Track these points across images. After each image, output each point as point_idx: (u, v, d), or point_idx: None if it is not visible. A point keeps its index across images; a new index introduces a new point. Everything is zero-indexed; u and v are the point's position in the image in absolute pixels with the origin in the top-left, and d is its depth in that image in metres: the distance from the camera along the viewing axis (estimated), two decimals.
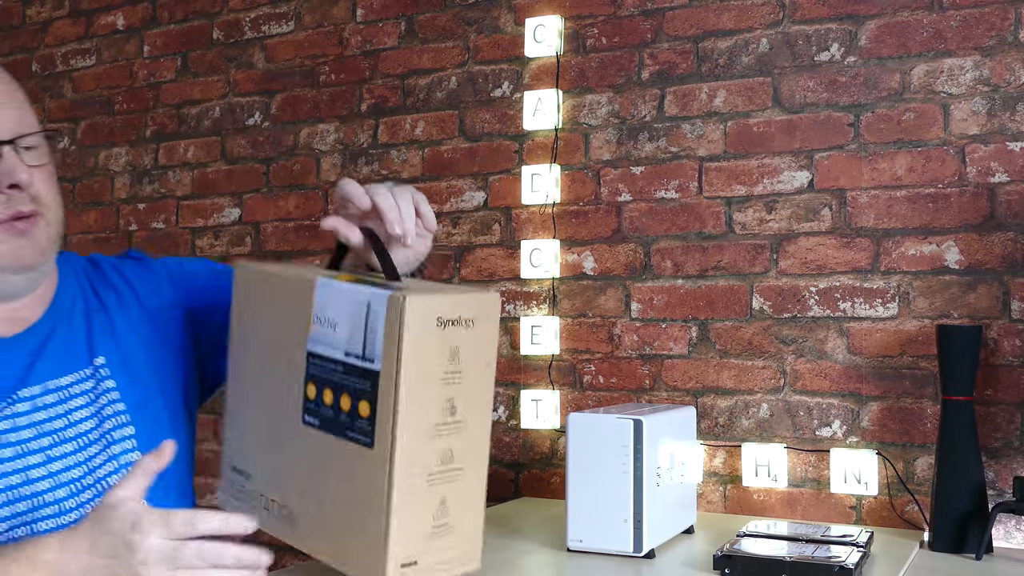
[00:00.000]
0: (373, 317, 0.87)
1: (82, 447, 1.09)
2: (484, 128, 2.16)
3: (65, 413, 1.09)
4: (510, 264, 2.11)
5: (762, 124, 1.89)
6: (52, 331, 1.12)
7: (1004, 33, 1.72)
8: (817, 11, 1.86)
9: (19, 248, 1.05)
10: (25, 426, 1.06)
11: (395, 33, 2.27)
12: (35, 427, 1.07)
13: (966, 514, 1.55)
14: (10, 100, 1.07)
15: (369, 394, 0.87)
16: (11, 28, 2.84)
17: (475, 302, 0.90)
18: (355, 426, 0.88)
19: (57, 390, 1.10)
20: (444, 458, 0.90)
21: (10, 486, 1.03)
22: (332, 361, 0.91)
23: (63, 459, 1.07)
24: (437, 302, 0.87)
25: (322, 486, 0.92)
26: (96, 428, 1.10)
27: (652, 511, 1.45)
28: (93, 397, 1.11)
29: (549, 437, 2.05)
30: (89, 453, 1.09)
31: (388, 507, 0.85)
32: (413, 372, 0.86)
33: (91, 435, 1.09)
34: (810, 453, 1.81)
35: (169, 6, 2.58)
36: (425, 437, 0.88)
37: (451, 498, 0.93)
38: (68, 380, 1.11)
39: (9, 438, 1.05)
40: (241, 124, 2.45)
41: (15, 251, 1.05)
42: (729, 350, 1.89)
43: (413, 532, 0.88)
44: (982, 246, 1.72)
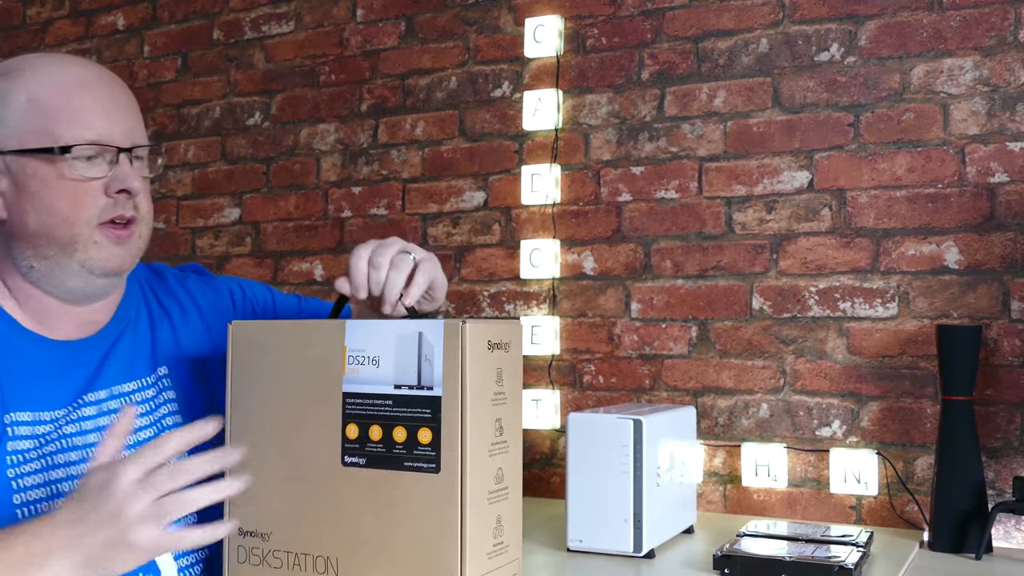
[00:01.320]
0: (427, 346, 0.91)
1: None
2: (484, 128, 2.16)
3: None
4: (510, 264, 2.11)
5: (762, 124, 1.89)
6: (119, 337, 1.15)
7: (1004, 33, 1.72)
8: (817, 11, 1.86)
9: (113, 255, 1.08)
10: (91, 430, 1.09)
11: (395, 33, 2.27)
12: (99, 432, 1.09)
13: (966, 514, 1.55)
14: (129, 109, 1.10)
15: (430, 420, 0.91)
16: (11, 28, 2.84)
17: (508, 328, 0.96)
18: (415, 455, 0.92)
19: (120, 396, 1.13)
20: (497, 477, 0.94)
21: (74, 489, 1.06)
22: (378, 397, 0.94)
23: None
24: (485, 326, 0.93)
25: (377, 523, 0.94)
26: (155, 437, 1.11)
27: (652, 511, 1.45)
28: (153, 406, 1.15)
29: (549, 437, 2.05)
30: None
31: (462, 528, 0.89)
32: (473, 394, 0.90)
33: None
34: (810, 453, 1.81)
35: (169, 6, 2.58)
36: (484, 457, 0.92)
37: (504, 517, 0.96)
38: (131, 387, 1.14)
39: (75, 441, 1.08)
40: (241, 124, 2.45)
41: (109, 257, 1.08)
42: (729, 350, 1.89)
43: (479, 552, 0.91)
44: (982, 246, 1.72)
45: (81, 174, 1.05)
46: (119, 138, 1.07)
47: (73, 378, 1.10)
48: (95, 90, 1.07)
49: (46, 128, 1.04)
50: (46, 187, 1.04)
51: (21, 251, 1.07)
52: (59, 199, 1.05)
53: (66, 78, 1.06)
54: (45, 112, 1.05)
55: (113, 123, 1.07)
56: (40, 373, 1.08)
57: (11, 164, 1.05)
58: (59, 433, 1.07)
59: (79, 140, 1.04)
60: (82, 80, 1.07)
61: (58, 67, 1.07)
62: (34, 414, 1.06)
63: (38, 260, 1.07)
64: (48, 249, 1.06)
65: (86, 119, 1.05)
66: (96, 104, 1.07)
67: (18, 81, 1.06)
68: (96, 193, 1.06)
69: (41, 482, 1.05)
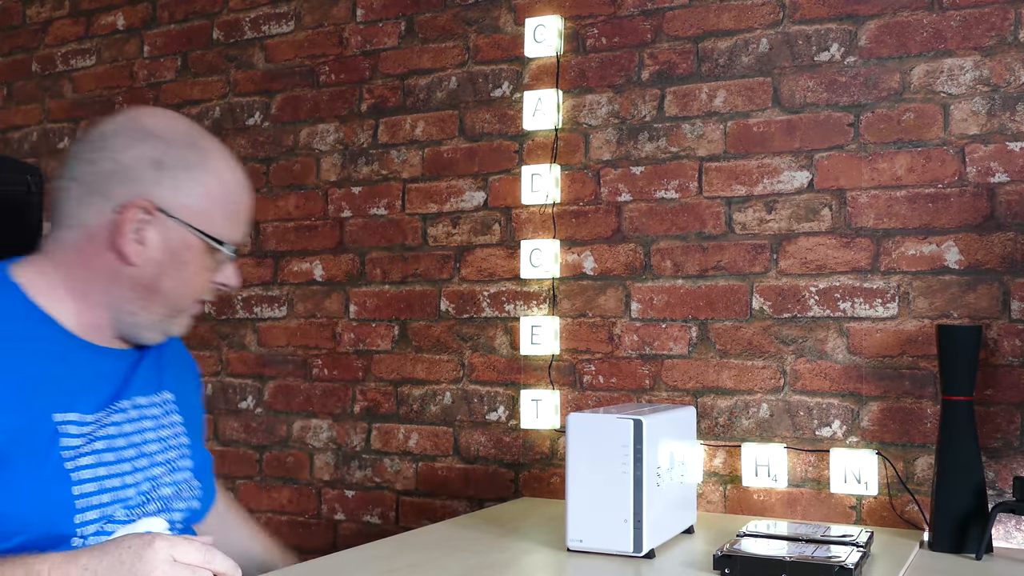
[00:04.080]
0: None
1: (151, 464, 1.22)
2: (484, 128, 2.16)
3: (141, 431, 1.23)
4: (510, 264, 2.11)
5: (762, 124, 1.89)
6: (142, 355, 1.27)
7: (1004, 33, 1.72)
8: (817, 11, 1.86)
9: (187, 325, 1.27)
10: (120, 435, 1.20)
11: (395, 33, 2.27)
12: (125, 437, 1.20)
13: (966, 514, 1.55)
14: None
15: None
16: (11, 28, 2.84)
17: None
18: None
19: (137, 407, 1.24)
20: None
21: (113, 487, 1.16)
22: None
23: (139, 472, 1.20)
24: None
25: None
26: (161, 452, 1.25)
27: (652, 511, 1.44)
28: (158, 424, 1.26)
29: (549, 437, 2.05)
30: (155, 472, 1.23)
31: None
32: None
33: (157, 456, 1.24)
34: (810, 453, 1.81)
35: (169, 6, 2.58)
36: None
37: None
38: (144, 401, 1.25)
39: (114, 444, 1.18)
40: (241, 124, 2.45)
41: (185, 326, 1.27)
42: (729, 350, 1.89)
43: None
44: (982, 246, 1.72)
45: (218, 263, 1.23)
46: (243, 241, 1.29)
47: (107, 385, 1.21)
48: (249, 200, 1.27)
49: (218, 220, 1.20)
50: (194, 262, 1.20)
51: (132, 295, 1.19)
52: (197, 276, 1.21)
53: (239, 183, 1.24)
54: (223, 207, 1.21)
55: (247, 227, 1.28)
56: (84, 375, 1.17)
57: (172, 228, 1.18)
58: (104, 433, 1.17)
59: (235, 241, 1.23)
60: (248, 191, 1.26)
61: (234, 168, 1.25)
62: (80, 415, 1.15)
63: (143, 310, 1.20)
64: (160, 307, 1.21)
65: (241, 225, 1.25)
66: (248, 214, 1.27)
67: (211, 164, 1.21)
68: (211, 277, 1.24)
69: (91, 477, 1.14)
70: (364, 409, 2.26)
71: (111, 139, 1.18)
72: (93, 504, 1.12)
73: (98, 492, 1.13)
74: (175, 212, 1.17)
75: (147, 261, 1.17)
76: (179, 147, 1.19)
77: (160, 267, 1.18)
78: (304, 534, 2.31)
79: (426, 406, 2.18)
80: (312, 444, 2.31)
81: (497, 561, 1.45)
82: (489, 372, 2.12)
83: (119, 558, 0.97)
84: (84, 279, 1.18)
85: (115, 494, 1.16)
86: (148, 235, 1.16)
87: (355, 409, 2.27)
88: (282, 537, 2.32)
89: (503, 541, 1.59)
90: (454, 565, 1.40)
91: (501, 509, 1.91)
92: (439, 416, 2.17)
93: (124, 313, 1.19)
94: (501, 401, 2.10)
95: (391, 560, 1.41)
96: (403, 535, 1.64)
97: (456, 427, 2.15)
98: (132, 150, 1.16)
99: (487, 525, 1.72)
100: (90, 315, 1.19)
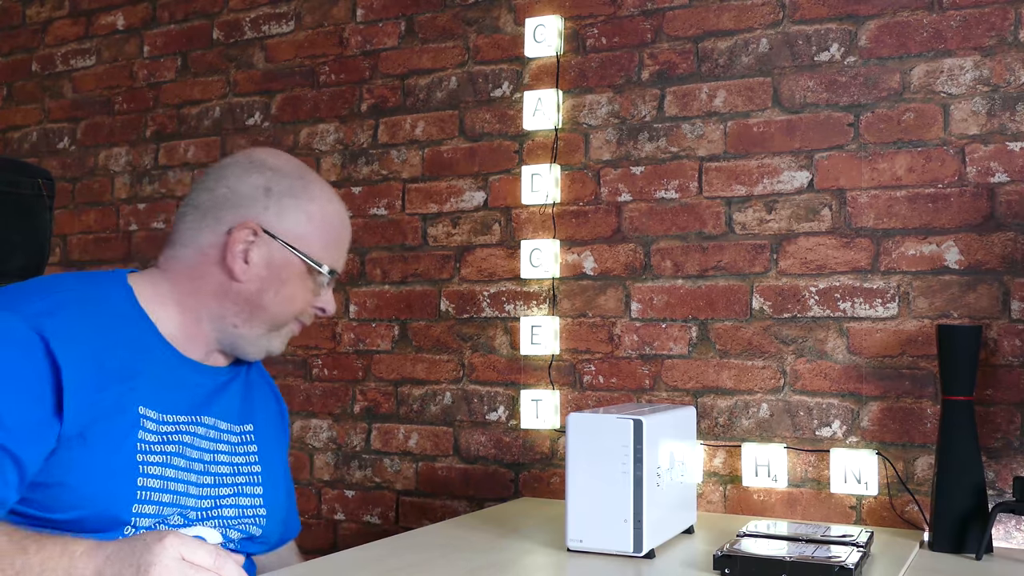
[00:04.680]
0: None
1: (218, 484, 1.28)
2: (484, 128, 2.16)
3: (215, 451, 1.29)
4: (510, 264, 2.11)
5: (762, 124, 1.89)
6: (229, 382, 1.35)
7: (1004, 33, 1.72)
8: (817, 11, 1.86)
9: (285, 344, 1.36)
10: (196, 447, 1.26)
11: (395, 33, 2.27)
12: (199, 451, 1.27)
13: (966, 514, 1.55)
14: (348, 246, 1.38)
15: None
16: (11, 28, 2.84)
17: None
18: None
19: (217, 429, 1.31)
20: None
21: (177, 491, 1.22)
22: None
23: (203, 487, 1.26)
24: None
25: None
26: (231, 475, 1.31)
27: (652, 511, 1.44)
28: (233, 450, 1.33)
29: (549, 437, 2.05)
30: (220, 492, 1.29)
31: None
32: None
33: (226, 479, 1.30)
34: (810, 453, 1.81)
35: (169, 6, 2.58)
36: None
37: None
38: (224, 426, 1.32)
39: (187, 452, 1.25)
40: (241, 124, 2.45)
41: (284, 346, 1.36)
42: (729, 350, 1.89)
43: None
44: (982, 246, 1.72)
45: (317, 286, 1.32)
46: (341, 269, 1.36)
47: (192, 395, 1.28)
48: (349, 231, 1.37)
49: (317, 245, 1.30)
50: (294, 281, 1.29)
51: (236, 309, 1.28)
52: (296, 295, 1.30)
53: (344, 217, 1.35)
54: (328, 235, 1.31)
55: (345, 257, 1.37)
56: (169, 379, 1.25)
57: (276, 250, 1.28)
58: (179, 439, 1.23)
59: (333, 266, 1.32)
60: (346, 222, 1.35)
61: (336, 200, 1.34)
62: (159, 414, 1.22)
63: (246, 324, 1.29)
64: (261, 322, 1.30)
65: (341, 253, 1.35)
66: (347, 241, 1.36)
67: (315, 195, 1.31)
68: (310, 300, 1.33)
69: (158, 474, 1.19)
70: (364, 409, 2.26)
71: (228, 169, 1.31)
72: (153, 499, 1.18)
73: (160, 490, 1.19)
74: (279, 234, 1.27)
75: (252, 278, 1.27)
76: (287, 177, 1.30)
77: (263, 283, 1.28)
78: (304, 534, 2.31)
79: (426, 406, 2.18)
80: (312, 444, 2.31)
81: (497, 561, 1.45)
82: (489, 372, 2.12)
83: (132, 548, 1.01)
84: (192, 293, 1.28)
85: (176, 498, 1.21)
86: (253, 255, 1.27)
87: (355, 409, 2.27)
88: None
89: (503, 541, 1.59)
90: (454, 565, 1.40)
91: (501, 509, 1.91)
92: (439, 416, 2.17)
93: (228, 325, 1.29)
94: (501, 401, 2.10)
95: (391, 560, 1.41)
96: (403, 535, 1.64)
97: (456, 427, 2.15)
98: (246, 179, 1.29)
99: (487, 525, 1.72)
100: (192, 328, 1.29)
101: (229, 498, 1.29)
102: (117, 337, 1.21)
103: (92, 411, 1.14)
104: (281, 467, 1.44)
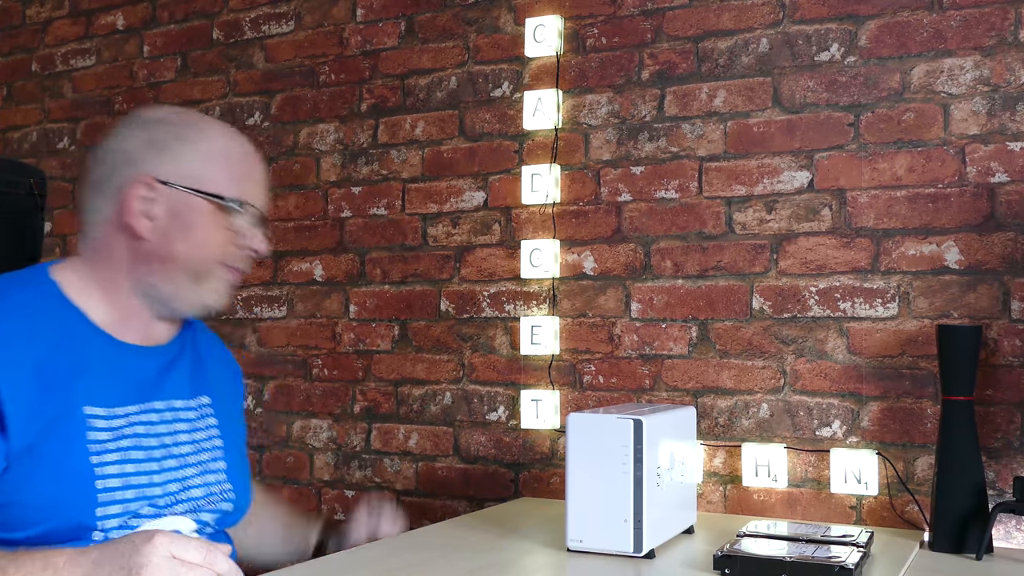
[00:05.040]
0: None
1: (181, 466, 1.25)
2: (484, 128, 2.16)
3: (174, 432, 1.26)
4: (510, 264, 2.11)
5: (762, 124, 1.89)
6: (176, 357, 1.32)
7: (1004, 33, 1.72)
8: (817, 11, 1.86)
9: (222, 294, 1.28)
10: (152, 435, 1.23)
11: (395, 33, 2.27)
12: (157, 437, 1.24)
13: (966, 514, 1.55)
14: (266, 183, 1.33)
15: None
16: (11, 28, 2.83)
17: None
18: None
19: (171, 410, 1.28)
20: None
21: (140, 484, 1.19)
22: None
23: (168, 472, 1.23)
24: None
25: None
26: (194, 454, 1.28)
27: (652, 511, 1.44)
28: (192, 427, 1.29)
29: (549, 437, 2.05)
30: (186, 473, 1.26)
31: None
32: None
33: (189, 458, 1.27)
34: (810, 453, 1.81)
35: (169, 6, 2.58)
36: None
37: None
38: (180, 404, 1.29)
39: (142, 442, 1.21)
40: (241, 124, 2.45)
41: (220, 293, 1.28)
42: (729, 350, 1.89)
43: None
44: (982, 246, 1.72)
45: (233, 225, 1.25)
46: (262, 207, 1.30)
47: (138, 381, 1.24)
48: (258, 164, 1.31)
49: (221, 180, 1.24)
50: (202, 224, 1.23)
51: (150, 269, 1.23)
52: (208, 236, 1.24)
53: (242, 148, 1.29)
54: (230, 169, 1.26)
55: (263, 193, 1.31)
56: (112, 371, 1.21)
57: (175, 197, 1.23)
58: (132, 431, 1.20)
59: (246, 200, 1.26)
60: (250, 153, 1.30)
61: (234, 135, 1.30)
62: (107, 409, 1.18)
63: (163, 280, 1.24)
64: (178, 274, 1.23)
65: (252, 186, 1.28)
66: (260, 175, 1.31)
67: (203, 134, 1.26)
68: (232, 241, 1.26)
69: (117, 472, 1.16)
70: (364, 409, 2.26)
71: (112, 137, 1.28)
72: (116, 499, 1.15)
73: (122, 488, 1.16)
74: (175, 180, 1.22)
75: (158, 232, 1.22)
76: (172, 125, 1.26)
77: (170, 234, 1.22)
78: None
79: (426, 406, 2.18)
80: (312, 444, 2.31)
81: (497, 561, 1.45)
82: (489, 372, 2.12)
83: (120, 551, 0.99)
84: (110, 269, 1.24)
85: (141, 491, 1.18)
86: (155, 209, 1.22)
87: (355, 409, 2.27)
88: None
89: (503, 541, 1.58)
90: (454, 565, 1.40)
91: (501, 509, 1.91)
92: (439, 416, 2.17)
93: (149, 288, 1.24)
94: (501, 401, 2.10)
95: (391, 560, 1.41)
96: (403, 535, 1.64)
97: (456, 427, 2.15)
98: (129, 138, 1.26)
99: (487, 525, 1.72)
100: (123, 309, 1.24)
101: (196, 478, 1.26)
102: (51, 339, 1.17)
103: (37, 422, 1.11)
104: (240, 434, 1.42)
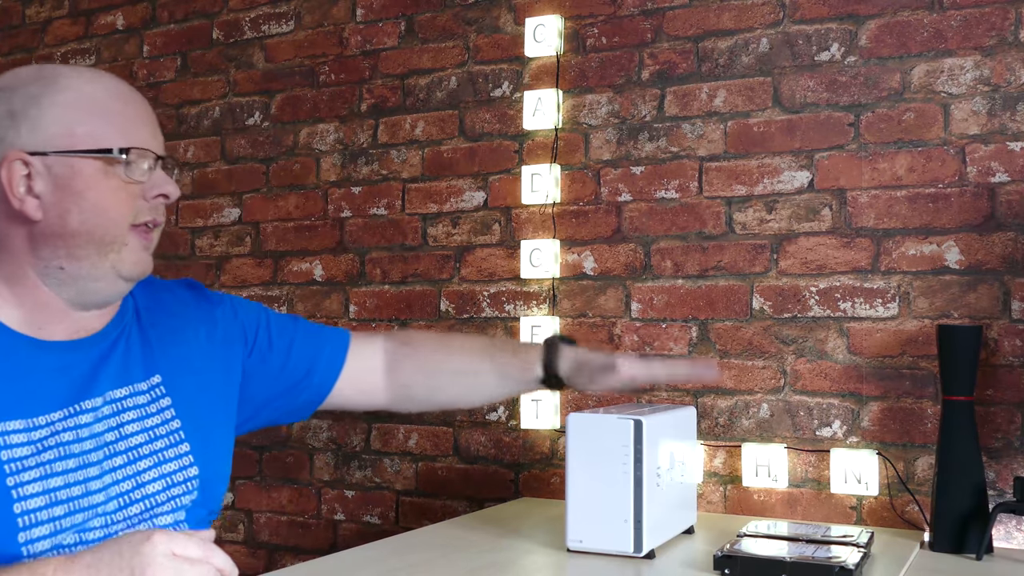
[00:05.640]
0: None
1: (132, 460, 1.13)
2: (484, 128, 2.16)
3: (118, 426, 1.13)
4: (510, 264, 2.11)
5: (762, 124, 1.89)
6: (114, 343, 1.17)
7: (1004, 33, 1.72)
8: (817, 11, 1.86)
9: (141, 259, 1.13)
10: (87, 437, 1.10)
11: (395, 33, 2.27)
12: (94, 439, 1.11)
13: (966, 514, 1.55)
14: (155, 121, 1.16)
15: None
16: (11, 28, 2.83)
17: None
18: None
19: (113, 402, 1.14)
20: None
21: (71, 497, 1.07)
22: None
23: (113, 472, 1.11)
24: None
25: None
26: (147, 443, 1.15)
27: (652, 511, 1.44)
28: (143, 413, 1.16)
29: (549, 437, 2.05)
30: (139, 467, 1.13)
31: None
32: None
33: (142, 449, 1.14)
34: (810, 453, 1.81)
35: (169, 6, 2.58)
36: None
37: None
38: (123, 392, 1.15)
39: (73, 449, 1.08)
40: (241, 124, 2.45)
41: (138, 261, 1.13)
42: (729, 350, 1.89)
43: None
44: (982, 246, 1.72)
45: (130, 177, 1.10)
46: (157, 147, 1.13)
47: (66, 381, 1.11)
48: (136, 102, 1.13)
49: (99, 132, 1.08)
50: (93, 187, 1.08)
51: (52, 251, 1.09)
52: (105, 199, 1.09)
53: (111, 88, 1.11)
54: (105, 116, 1.09)
55: (154, 132, 1.14)
56: (32, 376, 1.08)
57: (53, 165, 1.07)
58: (57, 440, 1.08)
59: (133, 144, 1.09)
60: (123, 91, 1.12)
61: (98, 77, 1.12)
62: (27, 421, 1.06)
63: (69, 260, 1.09)
64: (83, 249, 1.09)
65: (136, 127, 1.11)
66: (142, 113, 1.13)
67: (59, 86, 1.09)
68: (136, 196, 1.11)
69: (40, 490, 1.05)
70: None
71: None
72: (41, 519, 1.04)
73: (48, 506, 1.05)
74: (45, 147, 1.07)
75: (48, 209, 1.08)
76: (24, 87, 1.09)
77: (61, 207, 1.08)
78: (304, 534, 2.31)
79: None
80: (312, 444, 2.31)
81: (497, 561, 1.45)
82: None
83: (119, 553, 0.95)
84: (10, 262, 1.10)
85: (75, 503, 1.07)
86: (37, 185, 1.07)
87: None
88: (281, 537, 2.32)
89: (503, 541, 1.58)
90: (454, 565, 1.40)
91: (501, 509, 1.91)
92: (439, 416, 2.17)
93: (57, 272, 1.10)
94: (501, 401, 2.10)
95: (391, 560, 1.41)
96: (403, 535, 1.64)
97: (456, 427, 2.15)
98: None
99: (487, 525, 1.72)
100: (35, 302, 1.11)
101: (151, 470, 1.14)
102: None
103: None
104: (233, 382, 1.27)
